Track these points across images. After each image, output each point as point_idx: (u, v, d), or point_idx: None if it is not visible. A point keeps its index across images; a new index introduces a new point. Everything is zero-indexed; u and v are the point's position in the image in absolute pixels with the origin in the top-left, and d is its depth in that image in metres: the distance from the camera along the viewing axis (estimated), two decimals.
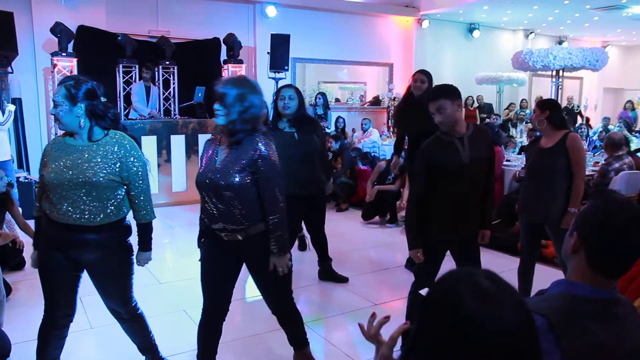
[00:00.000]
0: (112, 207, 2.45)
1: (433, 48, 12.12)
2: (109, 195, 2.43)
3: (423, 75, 4.55)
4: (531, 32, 13.71)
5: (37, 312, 2.59)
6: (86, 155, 2.40)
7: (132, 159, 2.46)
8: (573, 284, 1.35)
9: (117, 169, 2.42)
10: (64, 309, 2.59)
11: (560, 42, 14.29)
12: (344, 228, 6.50)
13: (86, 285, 2.63)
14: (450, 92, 2.93)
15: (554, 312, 1.26)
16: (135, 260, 2.65)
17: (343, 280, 4.55)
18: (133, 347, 2.89)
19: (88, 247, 2.47)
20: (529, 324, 0.96)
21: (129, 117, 7.98)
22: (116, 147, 2.43)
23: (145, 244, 2.69)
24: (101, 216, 2.43)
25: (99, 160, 2.39)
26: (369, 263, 5.28)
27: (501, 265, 4.40)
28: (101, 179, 2.38)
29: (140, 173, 2.49)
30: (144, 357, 2.93)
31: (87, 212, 2.40)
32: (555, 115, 3.48)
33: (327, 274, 4.58)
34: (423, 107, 3.13)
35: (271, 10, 9.87)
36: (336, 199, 7.63)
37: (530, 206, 3.58)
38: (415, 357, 1.00)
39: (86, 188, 2.37)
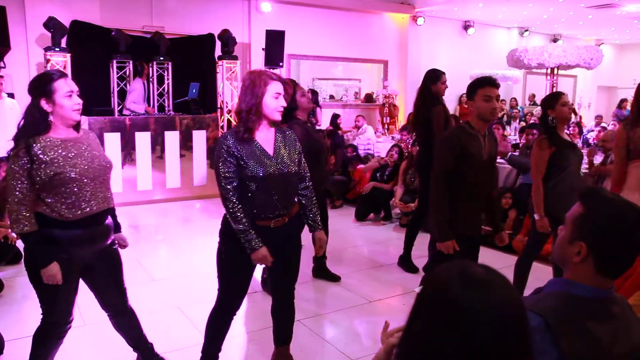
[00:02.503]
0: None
1: (428, 45, 12.12)
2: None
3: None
4: (526, 30, 13.74)
5: (30, 308, 2.57)
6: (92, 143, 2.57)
7: None
8: (570, 283, 1.34)
9: None
10: (69, 316, 2.56)
11: (554, 40, 14.33)
12: (339, 225, 6.50)
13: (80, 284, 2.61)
14: None
15: (551, 312, 1.26)
16: None
17: (335, 279, 4.55)
18: (127, 344, 2.88)
19: (108, 233, 2.58)
20: (519, 313, 0.94)
21: (123, 113, 7.93)
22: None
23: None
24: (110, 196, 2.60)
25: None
26: (363, 260, 5.28)
27: (497, 262, 4.40)
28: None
29: None
30: (137, 354, 2.92)
31: (108, 195, 2.56)
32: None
33: (321, 271, 4.58)
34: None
35: (266, 6, 9.83)
36: (330, 196, 7.63)
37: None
38: (408, 347, 1.00)
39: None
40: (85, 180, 2.39)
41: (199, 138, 7.99)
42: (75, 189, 2.37)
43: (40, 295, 2.45)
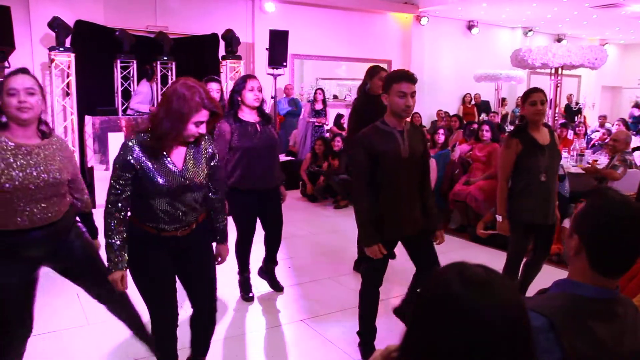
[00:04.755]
0: None
1: (431, 45, 12.12)
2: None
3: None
4: (530, 30, 13.71)
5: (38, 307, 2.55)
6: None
7: None
8: (575, 284, 1.34)
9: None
10: (29, 323, 2.43)
11: (558, 40, 14.29)
12: (342, 225, 6.49)
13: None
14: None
15: (555, 312, 1.25)
16: None
17: (278, 289, 4.20)
18: (130, 343, 2.87)
19: (59, 235, 2.46)
20: (519, 313, 0.93)
21: (127, 113, 7.96)
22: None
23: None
24: None
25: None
26: None
27: (498, 262, 4.38)
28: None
29: None
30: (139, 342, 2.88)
31: (56, 209, 2.41)
32: None
33: (268, 275, 4.20)
34: (381, 106, 3.02)
35: (270, 6, 9.85)
36: (334, 196, 7.62)
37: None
38: (407, 348, 0.99)
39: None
40: (19, 195, 2.19)
41: None
42: (7, 200, 2.18)
43: None
